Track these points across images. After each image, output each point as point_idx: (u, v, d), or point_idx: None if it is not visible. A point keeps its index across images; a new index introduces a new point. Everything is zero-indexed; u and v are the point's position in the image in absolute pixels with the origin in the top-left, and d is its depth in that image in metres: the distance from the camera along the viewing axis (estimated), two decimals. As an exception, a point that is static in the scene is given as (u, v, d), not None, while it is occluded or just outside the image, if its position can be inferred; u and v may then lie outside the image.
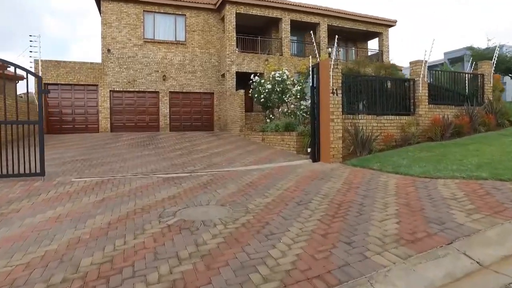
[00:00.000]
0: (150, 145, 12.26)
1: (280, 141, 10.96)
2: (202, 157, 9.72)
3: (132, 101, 17.20)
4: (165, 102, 17.55)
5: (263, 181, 6.48)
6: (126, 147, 11.88)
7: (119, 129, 16.90)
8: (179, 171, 7.75)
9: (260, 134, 12.69)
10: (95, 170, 7.67)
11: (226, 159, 9.26)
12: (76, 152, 10.53)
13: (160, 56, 17.45)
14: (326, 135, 8.40)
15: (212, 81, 18.43)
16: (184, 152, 10.60)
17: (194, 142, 13.05)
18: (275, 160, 9.03)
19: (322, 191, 5.46)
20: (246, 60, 17.76)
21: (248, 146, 11.83)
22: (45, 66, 15.77)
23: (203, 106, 18.52)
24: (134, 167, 8.17)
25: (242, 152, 10.58)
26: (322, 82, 8.58)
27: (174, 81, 17.69)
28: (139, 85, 17.09)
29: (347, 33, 21.70)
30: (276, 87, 12.02)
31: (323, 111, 8.52)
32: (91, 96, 16.58)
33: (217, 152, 10.65)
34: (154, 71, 17.34)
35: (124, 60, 16.86)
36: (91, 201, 5.24)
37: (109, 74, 16.63)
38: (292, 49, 19.50)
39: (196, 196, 5.49)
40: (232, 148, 11.40)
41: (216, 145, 12.20)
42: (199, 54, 18.20)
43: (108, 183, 6.43)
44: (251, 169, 7.85)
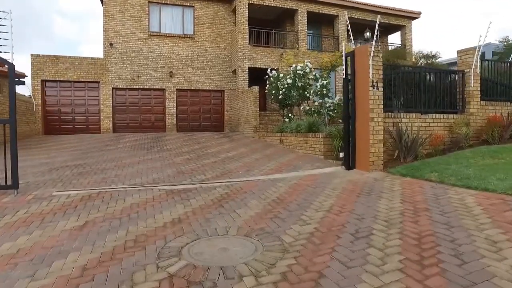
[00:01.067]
0: (154, 148, 10.92)
1: (303, 143, 9.52)
2: (213, 162, 8.32)
3: (136, 100, 15.93)
4: (172, 100, 16.24)
5: (294, 197, 5.06)
6: (127, 150, 10.55)
7: (122, 129, 15.63)
8: (186, 181, 6.37)
9: (277, 135, 11.27)
10: (85, 180, 6.33)
11: (242, 165, 7.85)
12: (70, 156, 9.23)
13: (166, 51, 16.15)
14: (364, 137, 6.94)
15: (222, 77, 17.07)
16: (193, 157, 9.22)
17: (204, 145, 11.68)
18: (300, 166, 7.60)
19: (380, 214, 4.01)
20: (260, 54, 16.35)
21: (265, 149, 10.41)
22: (42, 61, 14.58)
23: (213, 105, 17.16)
24: (133, 175, 6.81)
25: (260, 156, 9.17)
26: (358, 74, 7.12)
27: (182, 77, 16.38)
28: (144, 82, 15.81)
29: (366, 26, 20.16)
30: (297, 82, 10.57)
31: (360, 109, 7.06)
32: (92, 94, 15.35)
33: (231, 156, 9.25)
34: (160, 67, 16.04)
35: (127, 55, 15.59)
36: (68, 227, 3.87)
37: (111, 70, 15.38)
38: (308, 43, 18.03)
39: (209, 220, 4.10)
40: (247, 152, 9.99)
41: (229, 148, 10.81)
42: (208, 49, 16.85)
43: (97, 198, 5.06)
44: (274, 179, 6.43)
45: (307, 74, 10.70)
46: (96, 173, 6.95)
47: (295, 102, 11.16)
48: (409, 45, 19.85)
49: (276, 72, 11.81)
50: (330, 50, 17.88)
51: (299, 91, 10.76)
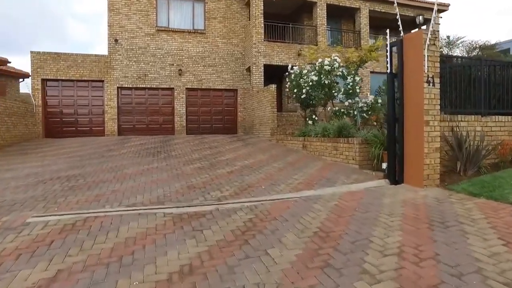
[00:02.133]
0: (161, 154, 9.75)
1: (332, 150, 8.23)
2: (229, 173, 7.09)
3: (143, 100, 14.82)
4: (181, 100, 15.09)
5: (342, 227, 3.80)
6: (131, 156, 9.40)
7: (128, 131, 14.54)
8: (199, 199, 5.15)
9: (299, 139, 9.99)
10: (74, 198, 5.15)
11: (264, 177, 6.59)
12: (66, 164, 8.11)
13: (175, 47, 15.01)
14: (416, 145, 5.62)
15: (235, 76, 15.85)
16: (205, 165, 8.00)
17: (217, 150, 10.46)
18: (334, 179, 6.31)
19: (486, 267, 2.73)
20: (275, 51, 15.09)
21: (286, 156, 9.14)
22: (43, 59, 13.58)
23: (225, 105, 15.95)
24: (134, 191, 5.61)
25: (282, 165, 7.90)
26: (408, 67, 5.82)
27: (192, 76, 15.21)
28: (151, 81, 14.69)
29: (389, 21, 18.73)
30: (323, 79, 9.27)
31: (411, 110, 5.75)
32: (96, 93, 14.29)
33: (249, 165, 8.00)
34: (168, 64, 14.91)
35: (134, 52, 14.50)
36: (29, 282, 2.67)
37: (116, 68, 14.30)
38: (327, 38, 16.69)
39: (233, 269, 2.87)
40: (267, 159, 8.73)
41: (245, 154, 9.57)
42: (220, 45, 15.65)
43: (82, 228, 3.87)
44: (307, 198, 5.16)
45: (334, 70, 9.38)
46: (90, 188, 5.78)
47: (320, 102, 9.84)
48: (436, 40, 18.27)
49: (298, 68, 10.48)
50: (350, 46, 16.51)
51: (325, 90, 9.45)
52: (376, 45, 10.55)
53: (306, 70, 9.86)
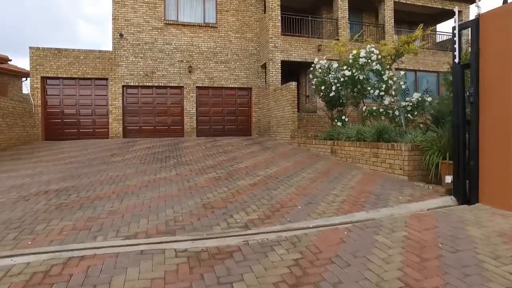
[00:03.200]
0: (170, 160, 8.59)
1: (371, 156, 6.97)
2: (252, 185, 5.88)
3: (150, 99, 13.71)
4: (191, 99, 13.95)
5: (437, 282, 2.56)
6: (136, 162, 8.25)
7: (134, 133, 13.44)
8: (219, 225, 3.95)
9: (327, 143, 8.74)
10: (59, 224, 3.99)
11: (296, 192, 5.37)
12: (60, 173, 6.99)
13: (185, 42, 13.87)
14: (502, 154, 4.35)
15: (250, 73, 14.65)
16: (221, 175, 6.80)
17: (232, 155, 9.26)
18: (385, 196, 5.06)
19: None
20: (293, 45, 13.85)
21: (314, 163, 7.90)
22: (42, 55, 12.55)
23: (238, 105, 14.76)
24: (137, 212, 4.44)
25: (313, 174, 6.66)
26: (488, 55, 4.54)
27: (203, 73, 14.06)
28: (159, 79, 13.58)
29: (413, 15, 17.40)
30: (357, 75, 7.99)
31: (492, 110, 4.48)
32: (100, 92, 13.22)
33: (273, 174, 6.78)
34: (177, 61, 13.78)
35: (140, 47, 13.40)
36: None
37: (121, 65, 13.21)
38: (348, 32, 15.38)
39: None
40: (293, 167, 7.50)
41: (266, 160, 8.35)
42: (233, 40, 14.47)
43: (58, 279, 2.69)
44: (362, 224, 3.93)
45: (368, 64, 8.10)
46: (83, 207, 4.62)
47: (352, 101, 8.56)
48: (465, 34, 16.85)
49: (326, 62, 9.19)
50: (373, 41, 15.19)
51: (357, 87, 8.17)
52: (415, 35, 9.23)
53: (335, 64, 8.59)
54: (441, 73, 16.13)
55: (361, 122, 8.42)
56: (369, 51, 8.11)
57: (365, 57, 7.96)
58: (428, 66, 16.10)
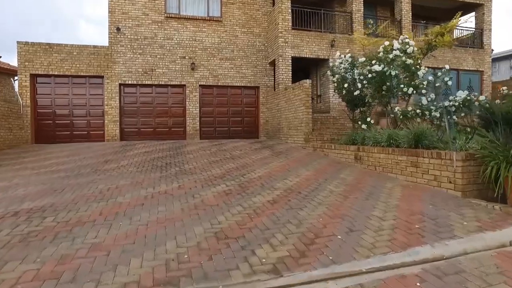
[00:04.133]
0: (171, 167, 7.52)
1: (408, 166, 5.89)
2: (272, 203, 4.79)
3: (150, 99, 12.65)
4: (194, 99, 12.88)
5: None
6: (132, 171, 7.19)
7: (132, 136, 12.38)
8: (240, 270, 2.87)
9: (350, 149, 7.67)
10: (15, 271, 2.91)
11: (330, 214, 4.29)
12: (40, 186, 5.92)
13: (187, 37, 12.82)
14: None
15: (257, 71, 13.58)
16: (232, 187, 5.73)
17: (242, 161, 8.19)
18: (443, 220, 3.97)
19: None
20: (305, 41, 12.78)
21: (338, 172, 6.83)
22: (32, 50, 11.50)
23: (245, 105, 13.69)
24: (127, 247, 3.36)
25: (342, 187, 5.59)
26: None
27: (206, 70, 13.00)
28: (160, 77, 12.52)
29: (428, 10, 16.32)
30: (389, 70, 6.87)
31: None
32: (95, 91, 12.16)
33: (295, 187, 5.70)
34: (179, 57, 12.72)
35: (139, 42, 12.34)
36: None
37: (118, 62, 12.16)
38: (362, 27, 14.30)
39: None
40: (315, 177, 6.42)
41: (282, 168, 7.27)
42: (239, 35, 13.41)
43: None
44: (434, 266, 2.86)
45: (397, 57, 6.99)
46: (57, 239, 3.54)
47: (381, 101, 7.45)
48: (487, 29, 15.77)
49: (350, 56, 8.04)
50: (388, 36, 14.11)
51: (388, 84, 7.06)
52: (451, 25, 8.15)
53: (362, 58, 7.48)
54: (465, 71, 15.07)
55: (392, 125, 7.35)
56: (404, 42, 7.00)
57: (399, 50, 6.88)
58: (446, 63, 14.99)
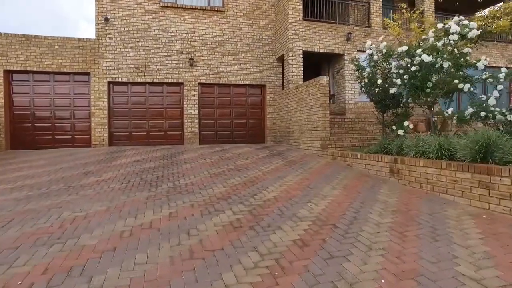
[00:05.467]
0: (163, 183, 6.08)
1: (474, 186, 4.44)
2: (301, 247, 3.34)
3: (143, 98, 11.21)
4: (193, 99, 11.44)
5: None
6: (113, 188, 5.74)
7: (122, 141, 10.94)
8: None
9: (383, 159, 6.22)
10: None
11: (391, 269, 2.83)
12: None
13: (185, 30, 11.39)
14: None
15: (263, 67, 12.14)
16: (242, 216, 4.28)
17: (249, 174, 6.74)
18: None
19: None
20: (318, 33, 11.35)
21: (373, 191, 5.37)
22: (6, 43, 10.07)
23: (250, 106, 12.25)
24: None
25: (390, 218, 4.13)
26: None
27: (206, 67, 11.56)
28: (154, 73, 11.08)
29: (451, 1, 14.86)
30: (442, 61, 5.41)
31: None
32: (80, 90, 10.72)
33: (326, 217, 4.25)
34: (176, 52, 11.29)
35: (130, 35, 10.91)
36: None
37: (107, 57, 10.72)
38: (380, 20, 12.86)
39: None
40: (347, 200, 4.96)
41: (301, 185, 5.81)
42: (243, 27, 11.98)
43: None
44: None
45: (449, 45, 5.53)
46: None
47: (426, 100, 5.95)
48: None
49: (385, 47, 6.53)
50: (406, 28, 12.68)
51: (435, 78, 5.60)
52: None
53: (405, 47, 6.00)
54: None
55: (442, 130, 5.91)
56: (464, 25, 5.50)
57: (456, 34, 5.41)
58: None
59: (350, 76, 11.53)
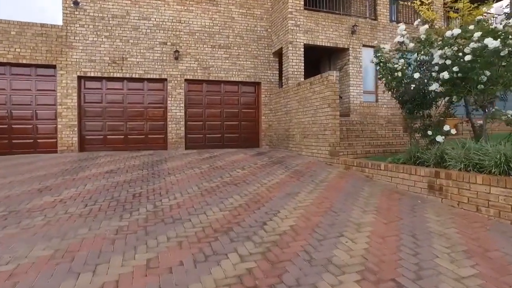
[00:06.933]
0: (140, 206, 4.66)
1: None
2: None
3: (120, 96, 9.70)
4: (178, 97, 10.00)
5: None
6: (71, 214, 4.29)
7: (95, 146, 9.41)
8: None
9: (417, 172, 4.98)
10: None
11: None
12: None
13: (170, 18, 9.95)
14: None
15: (258, 62, 10.82)
16: (254, 271, 2.91)
17: (249, 190, 5.38)
18: None
19: None
20: (321, 24, 10.12)
21: (418, 217, 4.11)
22: (-48, 27, 8.39)
23: (243, 105, 10.90)
24: None
25: (468, 263, 2.86)
26: None
27: (194, 61, 10.15)
28: (133, 68, 9.59)
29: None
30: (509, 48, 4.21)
31: None
32: (45, 86, 9.13)
33: (373, 264, 2.94)
34: (159, 43, 9.83)
35: (105, 22, 9.39)
36: None
37: (77, 47, 9.17)
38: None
39: None
40: (389, 231, 3.67)
41: (319, 207, 4.49)
42: (236, 17, 10.63)
43: None
44: None
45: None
46: None
47: (479, 98, 4.75)
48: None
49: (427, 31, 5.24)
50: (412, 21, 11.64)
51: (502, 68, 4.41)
52: None
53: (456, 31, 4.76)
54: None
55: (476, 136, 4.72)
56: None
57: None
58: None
59: (355, 73, 10.35)
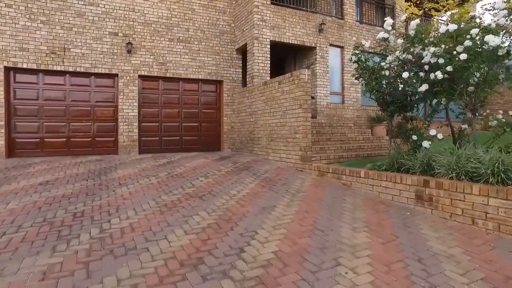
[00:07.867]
0: (81, 232, 3.71)
1: None
2: None
3: (60, 93, 8.39)
4: (131, 95, 8.90)
5: None
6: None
7: (30, 150, 8.03)
8: None
9: (403, 180, 4.56)
10: None
11: None
12: None
13: (121, 5, 8.82)
14: None
15: (220, 59, 10.03)
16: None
17: (217, 204, 4.61)
18: None
19: None
20: (288, 21, 9.60)
21: (407, 227, 3.63)
22: None
23: (203, 105, 10.04)
24: None
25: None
26: None
27: (149, 55, 9.11)
28: (77, 60, 8.33)
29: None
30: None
31: None
32: (-37, 78, 7.59)
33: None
34: (109, 33, 8.66)
35: (41, 4, 8.05)
36: None
37: (4, 33, 7.74)
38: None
39: None
40: (387, 251, 3.12)
41: (302, 224, 3.86)
42: (197, 9, 9.75)
43: None
44: None
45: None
46: None
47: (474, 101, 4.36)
48: None
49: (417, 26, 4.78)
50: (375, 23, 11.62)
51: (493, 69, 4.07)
52: None
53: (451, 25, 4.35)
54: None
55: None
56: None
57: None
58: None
59: (322, 73, 9.97)
